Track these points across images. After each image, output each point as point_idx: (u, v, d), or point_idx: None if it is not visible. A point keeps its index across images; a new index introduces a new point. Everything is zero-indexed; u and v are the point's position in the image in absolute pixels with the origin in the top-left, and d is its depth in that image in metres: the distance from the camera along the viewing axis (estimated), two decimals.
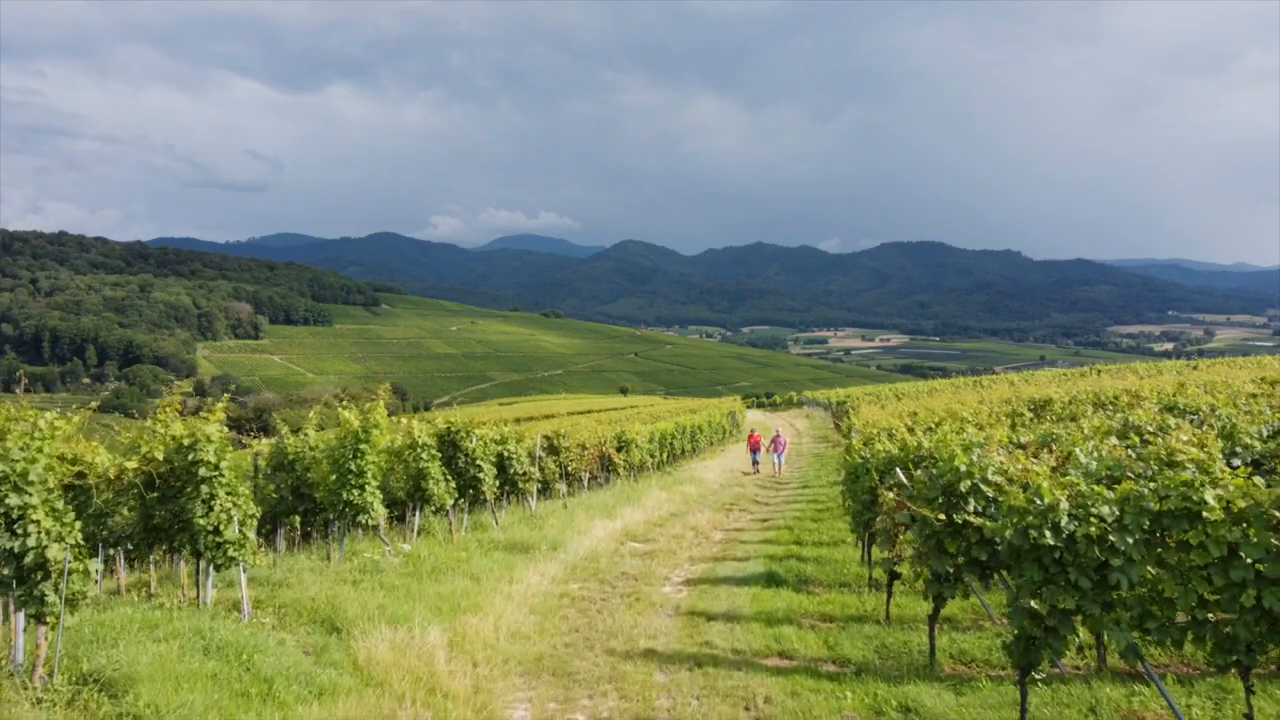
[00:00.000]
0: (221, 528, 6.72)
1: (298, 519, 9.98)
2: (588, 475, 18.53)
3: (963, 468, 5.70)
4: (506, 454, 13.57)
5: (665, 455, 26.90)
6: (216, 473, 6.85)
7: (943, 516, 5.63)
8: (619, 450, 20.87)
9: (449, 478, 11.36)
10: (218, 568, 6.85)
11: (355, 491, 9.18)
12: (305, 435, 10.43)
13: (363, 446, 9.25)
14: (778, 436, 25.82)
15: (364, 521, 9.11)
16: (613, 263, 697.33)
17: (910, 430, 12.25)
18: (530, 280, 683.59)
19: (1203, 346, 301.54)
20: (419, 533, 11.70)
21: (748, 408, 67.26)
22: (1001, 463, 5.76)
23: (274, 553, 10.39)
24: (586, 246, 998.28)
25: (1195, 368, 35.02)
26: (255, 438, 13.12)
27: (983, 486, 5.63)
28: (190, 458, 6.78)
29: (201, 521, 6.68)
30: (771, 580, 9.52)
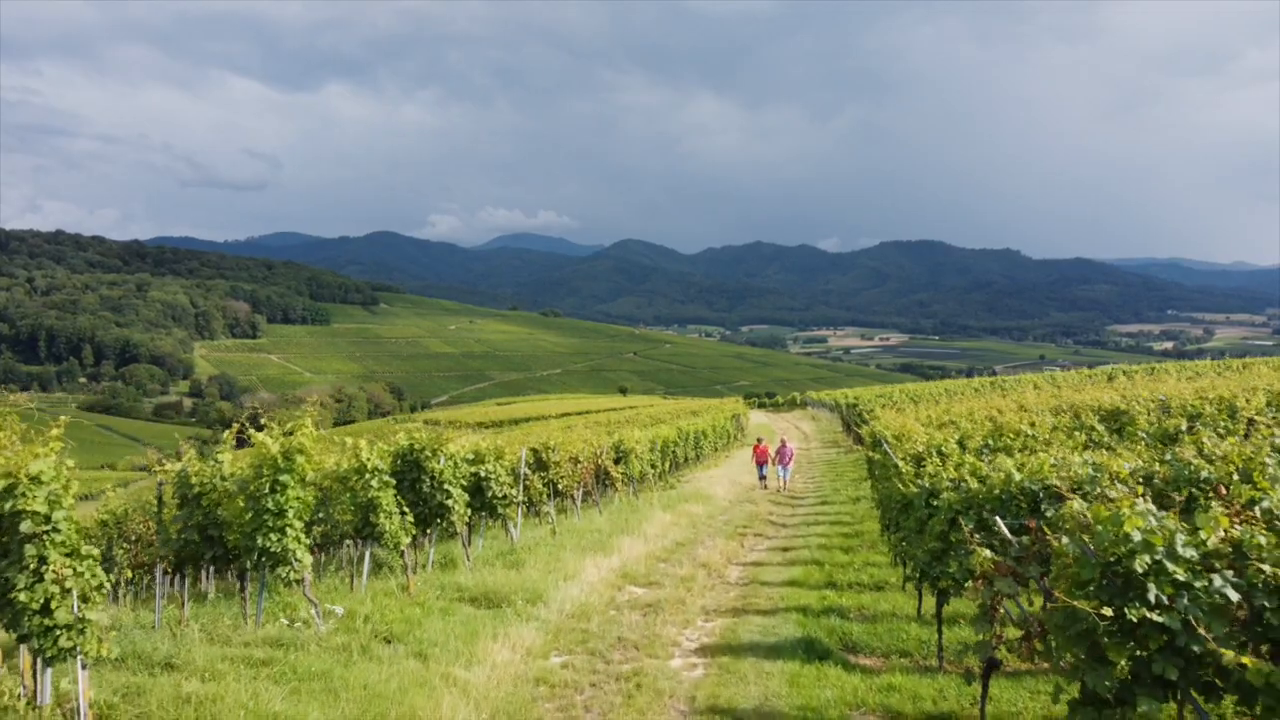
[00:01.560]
0: (53, 605, 4.70)
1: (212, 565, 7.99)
2: (581, 492, 16.56)
3: (1136, 536, 3.73)
4: (484, 474, 11.54)
5: (667, 465, 24.88)
6: (48, 528, 4.79)
7: (1108, 611, 3.67)
8: (617, 462, 18.84)
9: (406, 509, 9.33)
10: (48, 661, 4.85)
11: (273, 537, 7.01)
12: (217, 461, 8.15)
13: (284, 479, 7.05)
14: (784, 446, 23.30)
15: (285, 575, 7.06)
16: (612, 262, 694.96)
17: (961, 446, 10.28)
18: (529, 279, 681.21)
19: (1202, 346, 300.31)
20: (371, 574, 9.73)
21: (749, 408, 65.00)
22: (1189, 533, 3.78)
23: (191, 603, 8.35)
24: (585, 246, 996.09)
25: (1229, 368, 33.19)
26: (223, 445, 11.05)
27: (1170, 566, 3.65)
28: (9, 506, 4.75)
29: (24, 597, 4.66)
30: (811, 650, 7.40)
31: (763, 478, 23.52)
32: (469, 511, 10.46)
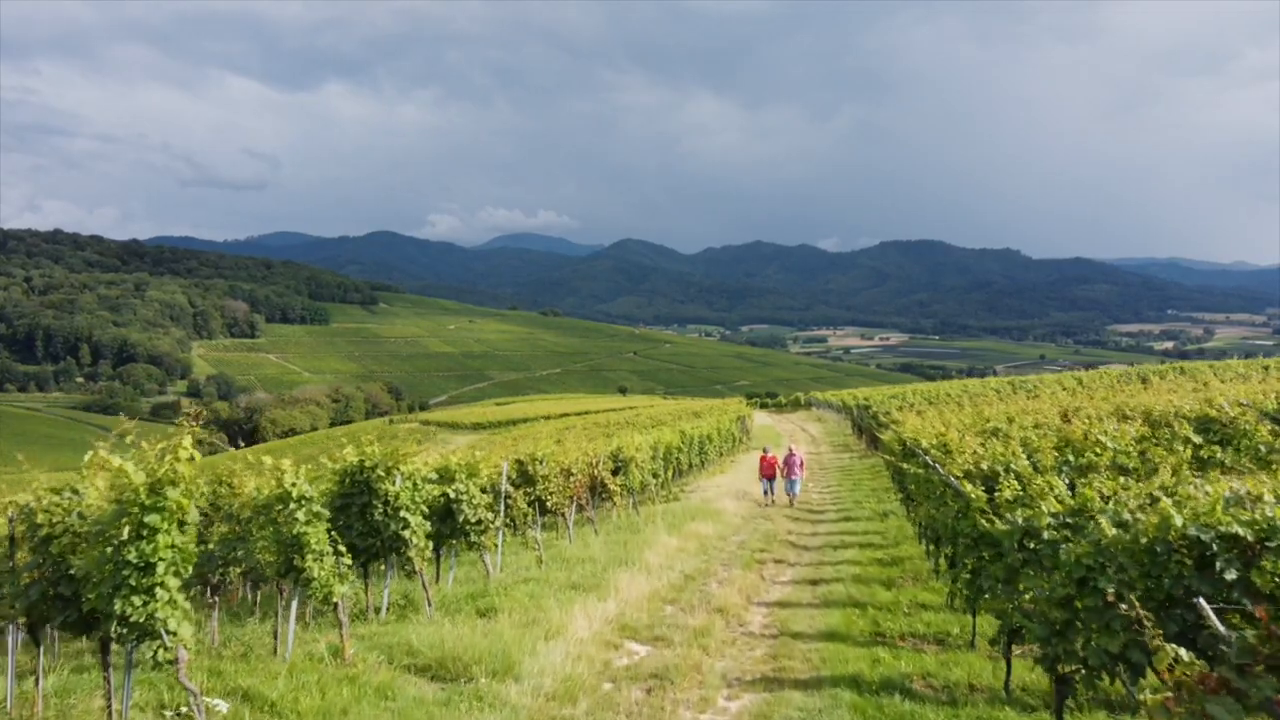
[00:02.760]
0: None
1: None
2: (574, 507, 14.76)
3: None
4: (454, 495, 9.71)
5: (670, 473, 22.80)
6: None
7: None
8: (615, 473, 16.85)
9: (343, 548, 7.15)
10: None
11: (135, 601, 4.92)
12: (73, 492, 5.75)
13: (152, 520, 4.93)
14: (791, 455, 20.51)
15: (154, 653, 5.04)
16: (611, 261, 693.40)
17: (1035, 468, 8.37)
18: (529, 279, 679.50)
19: (1203, 345, 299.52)
20: (315, 619, 7.88)
21: (752, 409, 62.61)
22: None
23: (50, 675, 6.30)
24: (585, 245, 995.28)
25: (1265, 368, 31.36)
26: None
27: None
28: None
29: None
30: None
31: (769, 493, 20.83)
32: (431, 543, 8.54)
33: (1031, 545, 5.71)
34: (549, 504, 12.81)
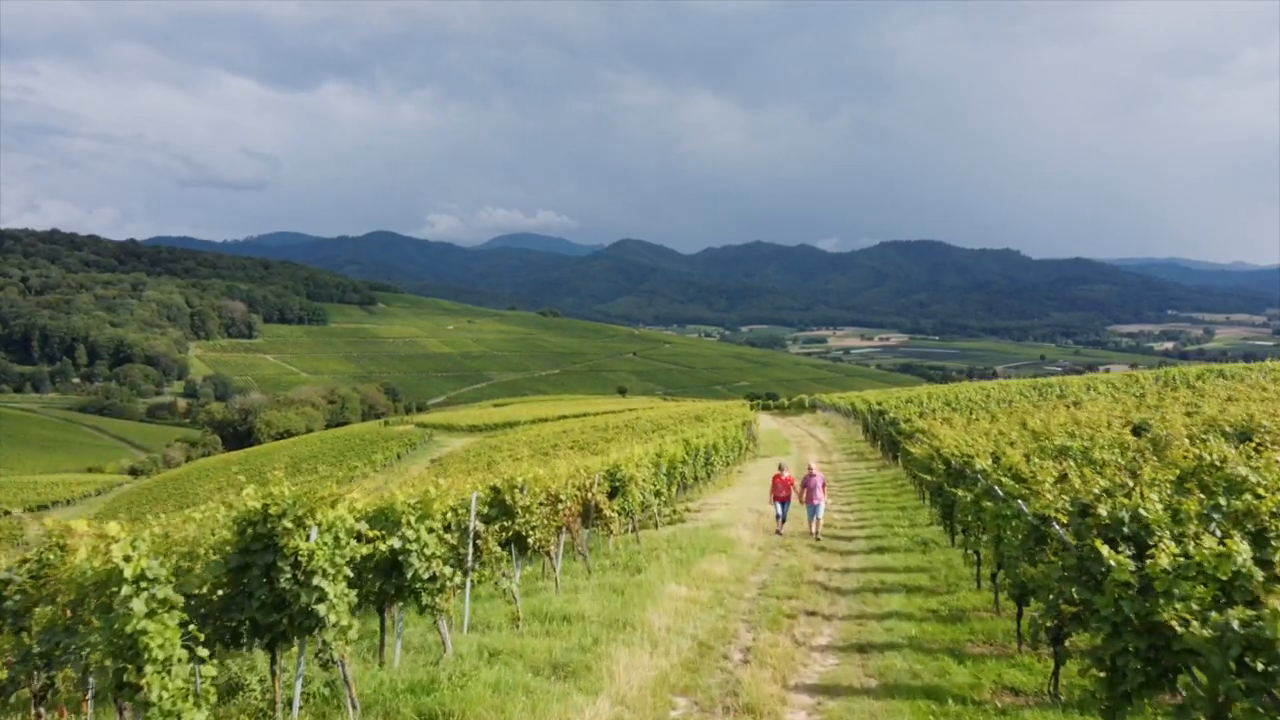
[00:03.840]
0: None
1: None
2: (562, 540, 12.41)
3: None
4: (402, 545, 7.44)
5: (674, 489, 20.30)
6: None
7: None
8: (612, 495, 14.46)
9: (203, 651, 4.83)
10: None
11: None
12: None
13: None
14: (811, 475, 17.15)
15: None
16: (611, 262, 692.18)
17: (1174, 515, 6.20)
18: (528, 279, 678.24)
19: (1203, 346, 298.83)
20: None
21: (755, 412, 59.61)
22: None
23: None
24: (585, 245, 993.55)
25: None
26: None
27: None
28: None
29: None
30: None
31: (782, 519, 17.64)
32: (355, 619, 6.25)
33: (1259, 665, 3.63)
34: (531, 540, 10.38)
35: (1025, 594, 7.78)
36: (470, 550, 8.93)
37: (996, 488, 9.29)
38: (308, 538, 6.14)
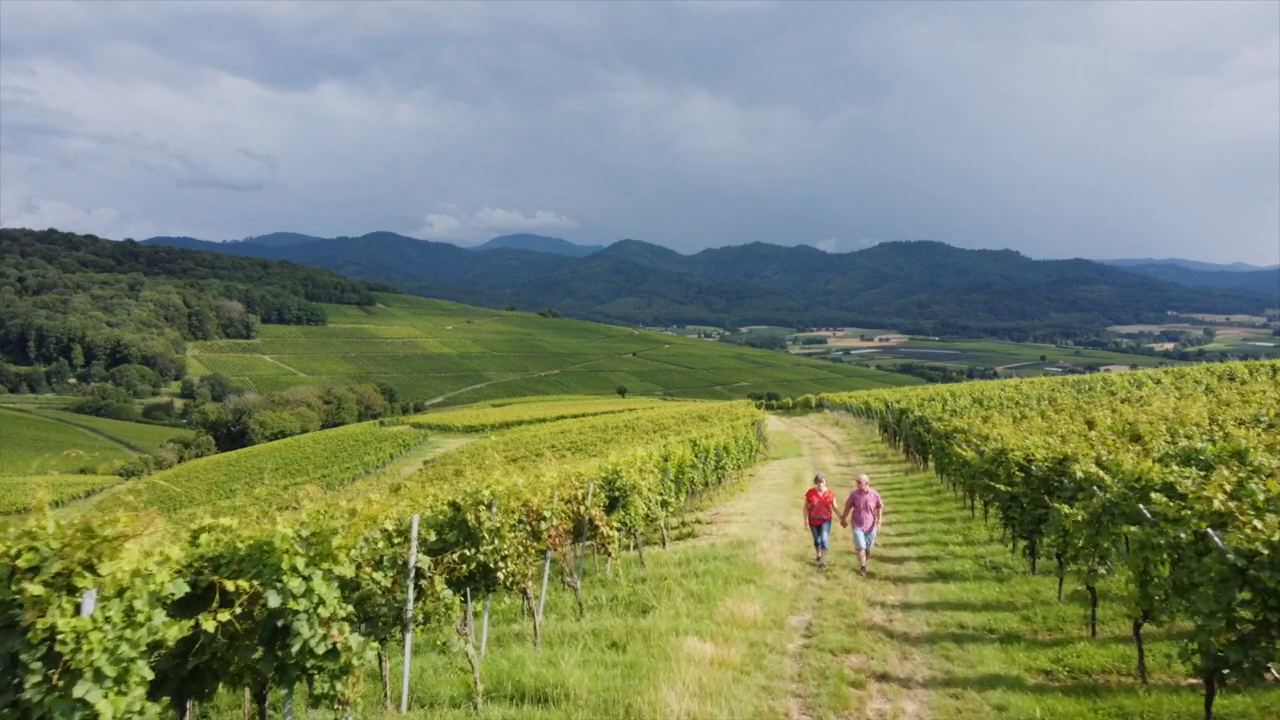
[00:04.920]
0: None
1: None
2: (548, 564, 10.05)
3: None
4: (282, 604, 4.95)
5: (683, 498, 18.01)
6: None
7: None
8: (610, 508, 12.22)
9: None
10: None
11: None
12: None
13: None
14: (862, 490, 13.73)
15: None
16: (610, 262, 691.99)
17: None
18: (528, 280, 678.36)
19: (1203, 347, 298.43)
20: None
21: (764, 413, 56.28)
22: None
23: None
24: (584, 246, 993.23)
25: None
26: None
27: None
28: None
29: None
30: None
31: (822, 546, 13.96)
32: None
33: None
34: (502, 574, 7.83)
35: (1221, 666, 5.59)
36: (410, 594, 6.55)
37: (1142, 507, 7.39)
38: (77, 610, 3.74)
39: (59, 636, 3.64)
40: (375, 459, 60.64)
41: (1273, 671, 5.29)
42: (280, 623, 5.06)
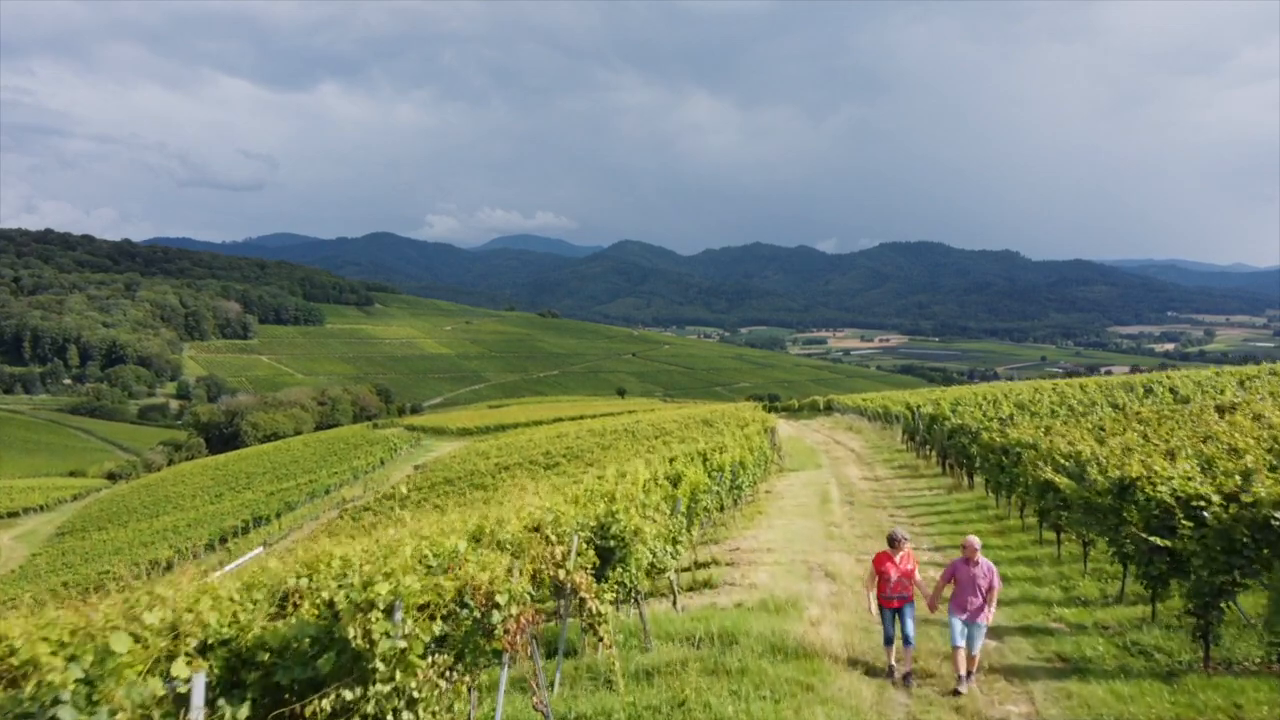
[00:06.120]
0: None
1: None
2: (504, 680, 6.50)
3: None
4: None
5: (695, 530, 14.46)
6: None
7: None
8: (600, 571, 8.35)
9: None
10: None
11: None
12: None
13: None
14: (969, 563, 8.75)
15: None
16: (610, 263, 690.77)
17: None
18: (527, 280, 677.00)
19: (1204, 347, 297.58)
20: None
21: (775, 417, 46.51)
22: None
23: None
24: (584, 246, 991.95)
25: None
26: None
27: None
28: None
29: None
30: None
31: (906, 641, 9.03)
32: None
33: None
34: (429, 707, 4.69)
35: None
36: None
37: None
38: None
39: None
40: (365, 463, 58.88)
41: None
42: None
